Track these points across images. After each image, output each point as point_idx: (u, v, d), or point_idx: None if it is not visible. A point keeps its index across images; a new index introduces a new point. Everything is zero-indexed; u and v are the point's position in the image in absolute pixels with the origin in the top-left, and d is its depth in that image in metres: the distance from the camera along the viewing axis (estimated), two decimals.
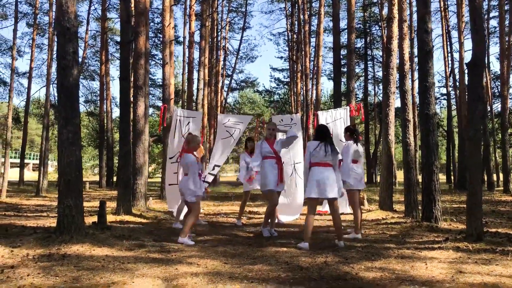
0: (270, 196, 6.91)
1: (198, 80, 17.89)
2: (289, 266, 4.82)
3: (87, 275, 4.39)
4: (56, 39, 6.04)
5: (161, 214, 9.70)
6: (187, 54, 20.15)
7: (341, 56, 18.24)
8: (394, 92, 9.90)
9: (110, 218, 8.62)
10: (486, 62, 22.47)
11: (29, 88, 24.64)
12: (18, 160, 29.25)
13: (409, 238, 6.55)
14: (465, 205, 11.86)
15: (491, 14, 26.17)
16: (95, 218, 7.67)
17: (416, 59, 23.67)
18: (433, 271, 4.58)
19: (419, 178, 17.86)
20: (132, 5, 13.65)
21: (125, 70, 9.12)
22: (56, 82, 6.78)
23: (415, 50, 23.84)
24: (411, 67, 21.78)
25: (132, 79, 13.12)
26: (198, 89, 17.87)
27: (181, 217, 8.13)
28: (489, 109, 23.23)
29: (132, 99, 9.79)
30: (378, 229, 7.51)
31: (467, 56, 23.89)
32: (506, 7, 21.93)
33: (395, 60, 9.82)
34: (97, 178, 31.02)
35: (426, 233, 6.91)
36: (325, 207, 10.29)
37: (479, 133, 6.08)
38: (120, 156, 9.27)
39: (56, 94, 29.34)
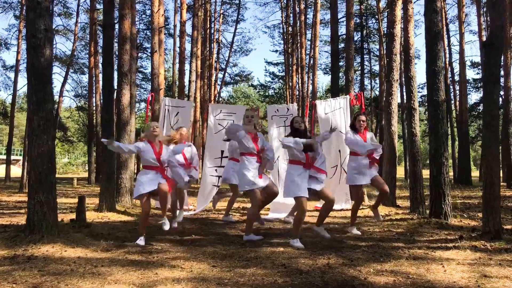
0: (251, 196, 5.78)
1: (190, 71, 17.19)
2: (287, 269, 4.19)
3: (51, 282, 3.75)
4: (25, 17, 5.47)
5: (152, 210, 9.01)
6: (178, 44, 19.42)
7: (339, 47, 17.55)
8: (397, 80, 9.26)
9: (91, 215, 7.98)
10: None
11: (15, 81, 23.85)
12: (5, 157, 28.44)
13: (418, 236, 5.93)
14: (469, 201, 11.34)
15: None
16: (74, 215, 7.03)
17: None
18: (453, 275, 3.97)
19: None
20: None
21: (108, 55, 8.44)
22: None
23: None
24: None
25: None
26: (190, 81, 17.18)
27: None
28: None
29: (116, 87, 9.08)
30: (383, 226, 6.88)
31: (467, 48, 23.31)
32: None
33: (398, 46, 9.18)
34: (87, 174, 30.27)
35: (436, 231, 6.30)
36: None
37: (497, 119, 5.47)
38: (103, 148, 8.58)
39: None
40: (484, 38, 19.30)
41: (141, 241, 5.48)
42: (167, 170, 5.94)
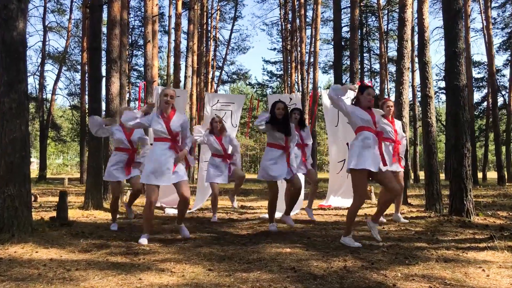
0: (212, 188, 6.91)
1: (186, 67, 16.48)
2: (298, 274, 3.48)
3: None
4: None
5: (138, 209, 8.28)
6: (173, 37, 18.71)
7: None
8: (408, 68, 8.59)
9: (76, 213, 7.29)
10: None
11: None
12: None
13: (441, 236, 5.24)
14: (483, 199, 10.67)
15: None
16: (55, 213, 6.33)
17: (416, 48, 22.43)
18: (498, 281, 3.28)
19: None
20: None
21: (96, 38, 7.74)
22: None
23: (415, 39, 22.57)
24: (411, 56, 20.57)
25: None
26: (186, 77, 16.46)
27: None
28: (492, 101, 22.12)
29: (105, 74, 8.37)
30: (399, 225, 6.19)
31: (473, 44, 22.77)
32: None
33: (409, 32, 8.51)
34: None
35: (459, 229, 5.60)
36: (329, 201, 8.99)
37: None
38: (89, 139, 7.87)
39: (36, 85, 27.82)
40: (490, 32, 18.71)
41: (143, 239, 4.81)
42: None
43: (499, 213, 7.20)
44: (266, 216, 7.31)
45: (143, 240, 4.77)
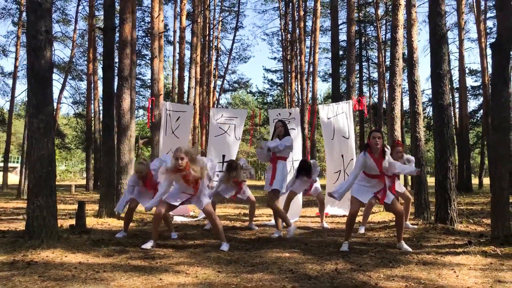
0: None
1: (190, 78, 17.11)
2: (295, 275, 4.07)
3: (52, 287, 3.61)
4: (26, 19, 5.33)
5: (149, 217, 8.88)
6: (177, 50, 19.34)
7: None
8: (400, 85, 9.21)
9: (91, 221, 7.84)
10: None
11: (13, 88, 23.69)
12: (2, 164, 28.22)
13: (425, 242, 5.82)
14: (472, 207, 11.22)
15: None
16: (74, 221, 6.90)
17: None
18: (466, 281, 3.86)
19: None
20: None
21: (109, 58, 8.36)
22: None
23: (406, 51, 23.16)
24: (403, 69, 21.14)
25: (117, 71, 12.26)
26: (189, 88, 17.09)
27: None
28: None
29: (116, 91, 8.97)
30: (388, 232, 6.77)
31: (470, 53, 23.24)
32: None
33: (400, 51, 9.13)
34: (85, 182, 30.05)
35: (442, 236, 6.19)
36: (326, 209, 9.55)
37: (507, 120, 5.39)
38: (103, 152, 8.47)
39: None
40: (484, 45, 19.31)
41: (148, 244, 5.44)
42: None
43: (484, 221, 7.72)
44: (269, 223, 7.92)
45: (147, 245, 5.38)
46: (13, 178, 33.26)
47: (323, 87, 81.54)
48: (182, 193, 5.51)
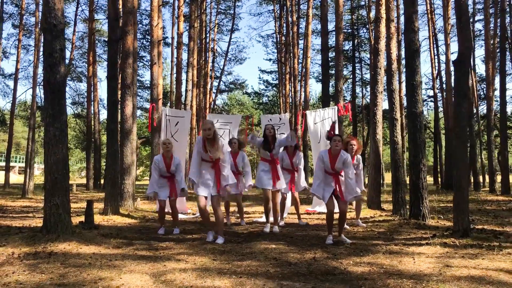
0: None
1: (187, 81, 17.84)
2: (278, 262, 4.82)
3: (74, 272, 4.35)
4: (42, 38, 6.00)
5: (150, 214, 9.63)
6: (175, 55, 20.08)
7: (329, 58, 18.35)
8: (381, 92, 9.97)
9: (97, 218, 8.55)
10: (472, 64, 22.71)
11: (15, 89, 24.34)
12: (3, 164, 28.87)
13: (397, 235, 6.59)
14: (452, 205, 12.02)
15: (476, 18, 26.45)
16: (82, 218, 7.61)
17: (403, 61, 23.83)
18: (420, 266, 4.61)
19: (407, 179, 17.96)
20: (120, 6, 13.56)
21: (113, 68, 9.07)
22: (42, 82, 6.68)
23: (403, 52, 23.98)
24: (398, 68, 21.95)
25: (119, 79, 13.00)
26: (186, 90, 17.81)
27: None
28: (475, 111, 23.43)
29: (119, 98, 9.71)
30: (366, 227, 7.54)
31: (453, 58, 24.03)
32: (491, 11, 22.19)
33: (382, 60, 9.89)
34: (84, 181, 30.73)
35: (413, 230, 6.96)
36: (315, 207, 10.33)
37: (465, 129, 6.15)
38: (108, 155, 9.20)
39: (42, 96, 29.06)
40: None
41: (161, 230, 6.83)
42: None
43: None
44: (260, 219, 8.67)
45: (209, 237, 6.24)
46: (13, 178, 33.89)
47: (317, 88, 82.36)
48: (208, 181, 6.15)
